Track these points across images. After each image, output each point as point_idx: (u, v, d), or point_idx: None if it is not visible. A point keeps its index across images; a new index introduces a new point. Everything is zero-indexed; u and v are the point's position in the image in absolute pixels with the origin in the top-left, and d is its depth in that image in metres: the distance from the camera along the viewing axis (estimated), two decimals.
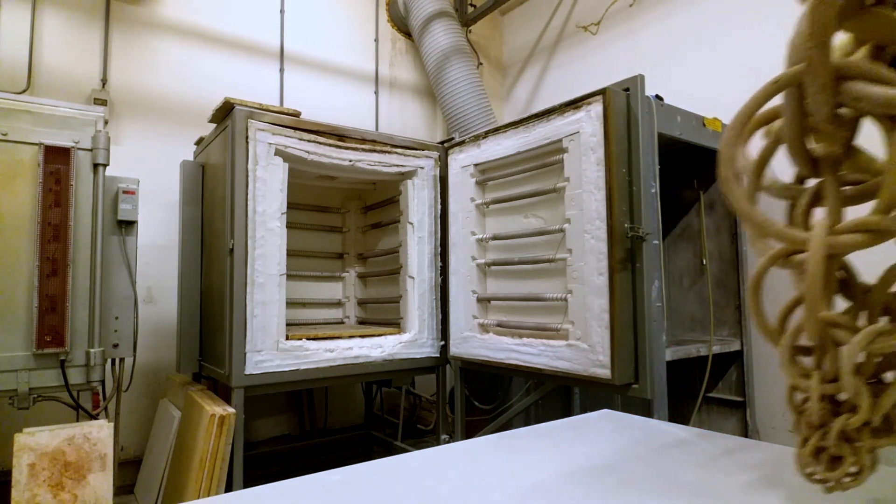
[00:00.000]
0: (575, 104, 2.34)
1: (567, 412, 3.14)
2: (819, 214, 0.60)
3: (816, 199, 0.61)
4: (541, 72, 4.75)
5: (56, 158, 2.22)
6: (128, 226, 2.49)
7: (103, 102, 3.19)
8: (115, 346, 2.43)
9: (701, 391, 2.77)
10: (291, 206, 2.74)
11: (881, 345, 0.53)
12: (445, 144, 3.17)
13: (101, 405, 2.49)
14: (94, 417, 2.40)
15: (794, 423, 0.62)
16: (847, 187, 0.59)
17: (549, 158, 2.53)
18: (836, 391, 0.56)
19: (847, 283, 0.61)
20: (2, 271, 2.13)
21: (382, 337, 2.94)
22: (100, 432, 2.09)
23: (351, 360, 2.75)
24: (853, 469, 0.57)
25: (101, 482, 2.05)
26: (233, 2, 3.83)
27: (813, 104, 0.55)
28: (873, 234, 0.54)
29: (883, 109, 0.50)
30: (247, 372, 2.44)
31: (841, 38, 0.60)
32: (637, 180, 2.20)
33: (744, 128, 0.62)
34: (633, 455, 0.94)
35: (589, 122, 2.26)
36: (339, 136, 2.80)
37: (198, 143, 3.20)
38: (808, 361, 0.61)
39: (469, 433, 3.11)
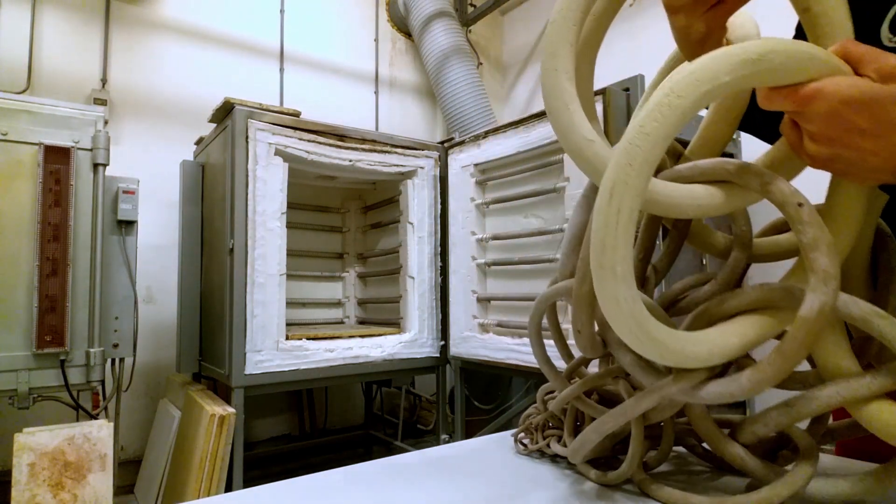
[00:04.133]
0: None
1: None
2: None
3: None
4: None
5: (56, 158, 2.22)
6: (128, 226, 2.49)
7: (103, 102, 3.19)
8: (115, 345, 2.43)
9: None
10: (291, 206, 2.74)
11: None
12: (445, 144, 3.17)
13: (101, 405, 2.49)
14: (94, 417, 2.40)
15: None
16: None
17: (549, 158, 2.53)
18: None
19: None
20: (2, 271, 2.13)
21: (382, 337, 2.94)
22: (100, 432, 2.09)
23: (351, 360, 2.75)
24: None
25: (101, 482, 2.05)
26: (233, 2, 3.83)
27: None
28: None
29: None
30: (247, 372, 2.44)
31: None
32: None
33: None
34: None
35: None
36: (339, 136, 2.80)
37: (198, 143, 3.20)
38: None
39: (469, 433, 3.11)
